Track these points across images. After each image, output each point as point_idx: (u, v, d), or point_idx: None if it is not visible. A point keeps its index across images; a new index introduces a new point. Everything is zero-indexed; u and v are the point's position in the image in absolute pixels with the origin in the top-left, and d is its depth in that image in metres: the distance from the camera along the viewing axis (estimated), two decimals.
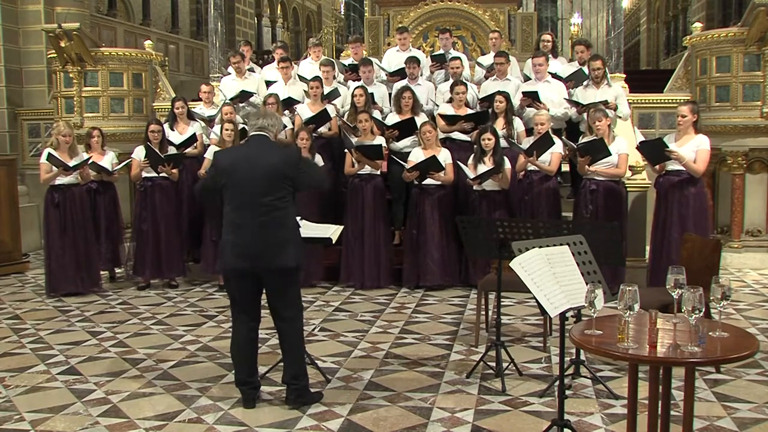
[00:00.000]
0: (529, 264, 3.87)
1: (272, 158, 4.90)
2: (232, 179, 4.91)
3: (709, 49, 10.21)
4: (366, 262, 8.78)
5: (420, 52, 11.46)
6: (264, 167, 4.86)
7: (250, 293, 5.00)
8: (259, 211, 4.83)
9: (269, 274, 4.89)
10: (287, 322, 5.01)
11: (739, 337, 3.68)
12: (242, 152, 5.15)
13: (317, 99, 9.48)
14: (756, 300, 8.11)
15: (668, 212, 7.67)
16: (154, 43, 12.50)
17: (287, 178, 4.87)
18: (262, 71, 10.96)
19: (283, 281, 4.94)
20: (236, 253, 4.88)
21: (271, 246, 4.83)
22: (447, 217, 8.53)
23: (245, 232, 4.84)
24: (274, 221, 4.83)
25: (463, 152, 8.82)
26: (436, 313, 7.62)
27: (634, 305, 3.47)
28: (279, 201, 4.85)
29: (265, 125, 5.05)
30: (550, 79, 9.38)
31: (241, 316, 5.04)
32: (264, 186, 4.84)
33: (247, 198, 4.86)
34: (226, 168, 4.97)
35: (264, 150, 4.97)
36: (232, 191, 4.92)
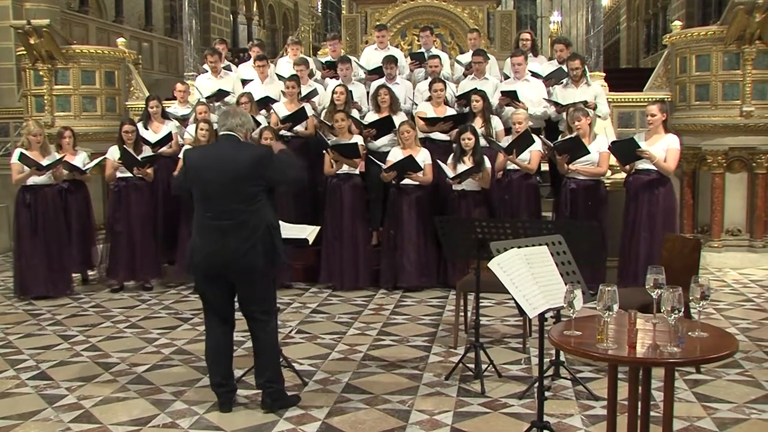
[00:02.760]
0: (507, 264, 3.89)
1: (241, 158, 4.86)
2: (200, 179, 4.88)
3: (688, 48, 10.28)
4: (344, 263, 8.77)
5: (398, 50, 11.45)
6: (232, 167, 4.82)
7: (222, 296, 4.97)
8: (227, 213, 4.80)
9: (237, 276, 4.87)
10: (260, 325, 4.99)
11: (719, 337, 3.71)
12: (211, 152, 5.13)
13: (294, 98, 9.46)
14: (736, 300, 8.17)
15: (638, 212, 7.78)
16: (128, 41, 12.43)
17: (257, 178, 4.83)
18: (238, 70, 10.93)
19: (253, 284, 4.91)
20: (204, 255, 4.85)
21: (239, 248, 4.79)
22: (425, 217, 8.54)
23: (213, 234, 4.82)
24: (242, 223, 4.80)
25: (443, 152, 8.83)
26: (415, 315, 7.62)
27: (613, 305, 3.49)
28: (248, 202, 4.81)
29: (234, 125, 5.00)
30: (530, 78, 9.40)
31: (214, 319, 5.02)
32: (232, 187, 4.80)
33: (215, 199, 4.83)
34: (194, 167, 4.95)
35: (233, 150, 4.93)
36: (199, 192, 4.90)
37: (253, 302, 4.96)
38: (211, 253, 4.83)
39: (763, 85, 9.93)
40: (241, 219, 4.80)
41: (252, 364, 5.55)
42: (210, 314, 5.04)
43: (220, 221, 4.81)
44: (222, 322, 5.02)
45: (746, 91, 9.90)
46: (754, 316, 7.49)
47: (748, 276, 9.47)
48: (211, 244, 4.83)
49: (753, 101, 9.89)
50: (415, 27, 12.77)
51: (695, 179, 10.50)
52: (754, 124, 9.91)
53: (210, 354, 5.08)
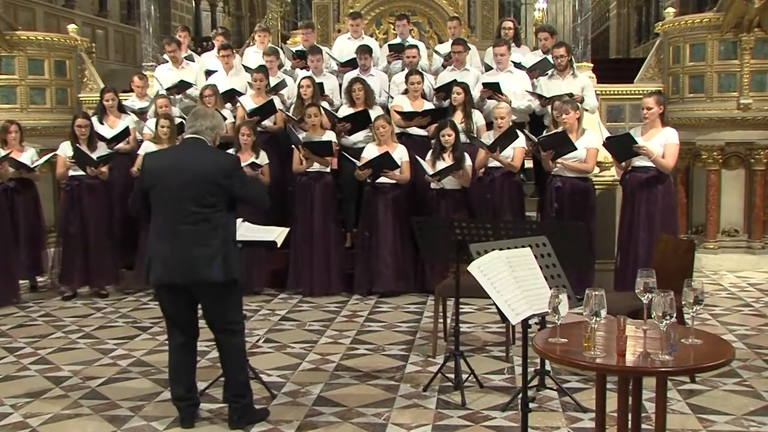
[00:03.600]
0: (488, 268, 3.90)
1: (204, 164, 4.83)
2: (160, 185, 4.85)
3: (682, 36, 10.35)
4: (315, 267, 8.77)
5: (373, 39, 11.47)
6: (194, 173, 4.79)
7: (183, 307, 4.95)
8: (187, 221, 4.78)
9: (199, 288, 4.85)
10: (226, 335, 4.97)
11: (714, 344, 3.74)
12: (173, 156, 5.10)
13: (261, 91, 9.45)
14: (733, 304, 8.24)
15: (635, 211, 7.77)
16: (80, 28, 12.34)
17: (219, 186, 4.81)
18: (201, 60, 10.90)
19: (216, 295, 4.89)
20: (164, 265, 4.82)
21: (198, 258, 4.77)
22: (402, 217, 8.55)
23: (172, 243, 4.79)
24: (202, 232, 4.78)
25: (420, 148, 8.85)
26: (391, 322, 7.63)
27: (601, 311, 3.51)
28: (209, 210, 4.79)
29: (203, 128, 4.96)
30: (513, 69, 9.44)
31: (176, 330, 5.00)
32: (193, 193, 4.77)
33: (175, 206, 4.80)
34: (153, 172, 4.92)
35: (197, 154, 4.89)
36: (159, 198, 4.86)
37: (217, 313, 4.94)
38: (170, 263, 4.80)
39: (762, 76, 10.01)
40: (204, 227, 4.78)
41: (216, 375, 5.54)
42: (171, 325, 5.02)
43: (179, 228, 4.78)
44: (184, 332, 5.00)
45: (744, 83, 9.98)
46: (753, 321, 7.55)
47: (746, 279, 9.55)
48: (169, 252, 4.80)
49: (751, 93, 9.97)
50: (390, 15, 12.78)
51: (689, 176, 10.57)
52: (752, 117, 9.99)
53: (172, 365, 5.06)
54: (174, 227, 4.80)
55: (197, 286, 4.82)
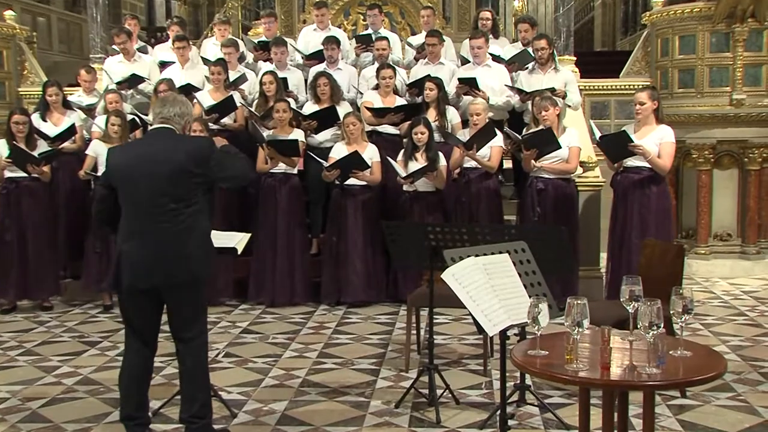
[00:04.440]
0: (463, 275, 3.90)
1: (176, 154, 4.79)
2: (129, 181, 4.80)
3: (671, 28, 10.41)
4: (279, 276, 8.74)
5: (340, 30, 11.46)
6: (166, 166, 4.75)
7: (149, 315, 4.91)
8: (161, 218, 4.74)
9: (172, 289, 4.80)
10: (191, 348, 4.92)
11: (704, 356, 3.77)
12: (140, 149, 5.05)
13: (220, 86, 9.42)
14: (726, 314, 8.30)
15: (627, 215, 7.76)
16: (18, 14, 12.24)
17: (195, 176, 4.78)
18: (154, 52, 10.84)
19: (189, 299, 4.87)
20: (134, 267, 4.76)
21: (175, 257, 4.74)
22: (372, 222, 8.54)
23: (144, 243, 4.74)
24: (178, 229, 4.75)
25: (392, 148, 8.86)
26: (360, 334, 7.63)
27: (584, 321, 3.52)
28: (185, 204, 4.76)
29: (170, 115, 4.93)
30: (491, 63, 9.44)
31: (136, 342, 4.94)
32: (166, 188, 4.74)
33: (146, 202, 4.75)
34: (120, 168, 4.85)
35: (167, 145, 4.86)
36: (128, 195, 4.81)
37: (187, 321, 4.90)
38: (143, 264, 4.74)
39: (756, 70, 10.09)
40: (178, 223, 4.75)
41: (171, 393, 5.50)
42: (131, 336, 4.96)
43: (153, 227, 4.73)
44: (143, 345, 4.94)
45: (736, 77, 10.04)
46: (747, 332, 7.60)
47: (740, 286, 9.61)
48: (142, 253, 4.74)
49: (744, 88, 10.04)
50: (360, 4, 12.81)
51: (679, 177, 10.63)
52: (746, 113, 10.06)
53: (125, 381, 4.99)
54: (148, 226, 4.74)
55: (174, 287, 4.78)
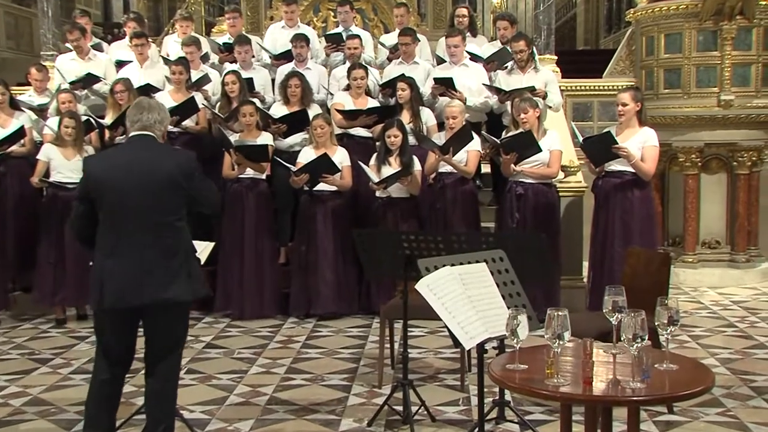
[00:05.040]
0: (438, 286, 3.91)
1: (165, 163, 4.77)
2: (113, 192, 4.72)
3: (656, 25, 10.46)
4: (245, 286, 8.72)
5: (310, 28, 11.46)
6: (155, 175, 4.71)
7: (128, 334, 4.85)
8: (149, 232, 4.68)
9: (156, 309, 4.74)
10: (165, 367, 4.87)
11: (691, 369, 3.79)
12: (122, 157, 4.95)
13: (181, 86, 9.39)
14: (714, 325, 8.33)
15: (609, 221, 7.80)
16: None
17: (183, 189, 4.76)
18: (111, 50, 10.79)
19: (172, 319, 4.82)
20: (119, 285, 4.68)
21: (163, 274, 4.69)
22: (343, 230, 8.53)
23: (131, 259, 4.67)
24: (167, 243, 4.71)
25: (364, 151, 8.87)
26: (331, 348, 7.62)
27: (564, 333, 3.53)
28: (174, 217, 4.74)
29: (151, 122, 4.88)
30: (468, 63, 9.48)
31: (109, 362, 4.86)
32: (155, 199, 4.70)
33: (132, 215, 4.69)
34: (101, 179, 4.76)
35: (152, 153, 4.82)
36: (111, 208, 4.74)
37: (168, 341, 4.85)
38: (129, 281, 4.67)
39: (745, 69, 10.14)
40: (167, 238, 4.71)
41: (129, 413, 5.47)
42: (105, 356, 4.88)
43: (140, 241, 4.67)
44: (118, 364, 4.86)
45: (725, 77, 10.08)
46: (737, 344, 7.63)
47: (729, 296, 9.65)
48: (129, 269, 4.67)
49: (733, 88, 10.08)
50: (330, 0, 12.79)
51: (665, 182, 10.69)
52: (735, 115, 10.11)
53: (91, 407, 4.90)
54: (135, 241, 4.68)
55: (160, 306, 4.71)
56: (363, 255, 5.91)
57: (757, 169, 10.42)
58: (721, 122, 10.18)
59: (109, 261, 4.71)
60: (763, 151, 10.38)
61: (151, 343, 4.85)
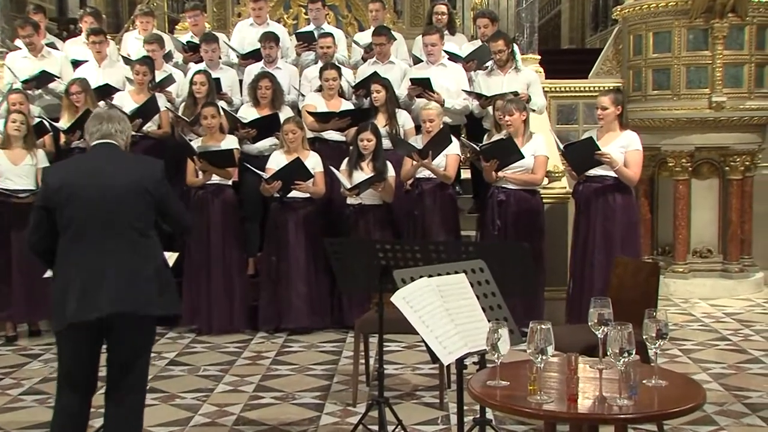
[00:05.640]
0: (415, 298, 3.90)
1: (131, 171, 4.77)
2: (76, 200, 4.69)
3: (644, 23, 10.48)
4: (212, 299, 8.69)
5: (280, 25, 11.43)
6: (121, 183, 4.70)
7: (90, 353, 4.79)
8: (117, 242, 4.66)
9: (125, 325, 4.70)
10: (131, 394, 4.83)
11: (682, 385, 3.81)
12: (86, 165, 4.94)
13: (143, 87, 9.36)
14: (707, 338, 8.36)
15: (590, 228, 7.83)
16: None
17: (151, 197, 4.75)
18: (66, 47, 10.74)
19: (141, 337, 4.80)
20: (80, 295, 4.62)
21: (134, 286, 4.65)
22: (316, 239, 8.50)
23: (94, 268, 4.63)
24: (134, 255, 4.68)
25: (338, 156, 8.87)
26: (303, 364, 7.61)
27: (548, 348, 3.53)
28: (143, 228, 4.72)
29: (112, 131, 4.87)
30: (446, 62, 9.48)
31: (72, 386, 4.80)
32: (121, 208, 4.68)
33: (97, 225, 4.66)
34: (63, 188, 4.72)
35: (118, 161, 4.82)
36: (72, 218, 4.69)
37: (134, 360, 4.81)
38: (94, 294, 4.62)
39: (737, 69, 10.18)
40: (134, 249, 4.68)
41: None
42: (68, 379, 4.82)
43: (105, 252, 4.64)
44: (78, 387, 4.83)
45: (716, 77, 10.11)
46: (731, 358, 7.66)
47: (722, 308, 9.68)
48: (91, 278, 4.63)
49: (725, 89, 10.11)
50: None
51: (654, 187, 10.74)
52: (727, 117, 10.15)
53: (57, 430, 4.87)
54: (97, 252, 4.64)
55: (126, 322, 4.67)
56: (335, 265, 5.90)
57: (750, 174, 10.47)
58: (712, 125, 10.21)
59: (70, 273, 4.67)
60: (757, 155, 10.43)
61: (115, 361, 4.80)
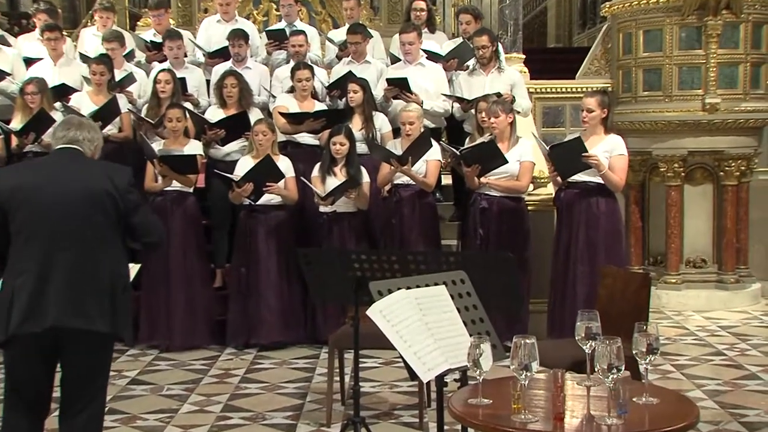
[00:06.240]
0: (392, 312, 3.90)
1: (95, 175, 4.74)
2: (29, 206, 4.66)
3: (634, 21, 10.51)
4: (175, 314, 8.66)
5: (249, 22, 11.43)
6: (81, 188, 4.67)
7: (41, 372, 4.75)
8: (70, 251, 4.63)
9: (80, 339, 4.65)
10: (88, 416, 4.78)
11: (674, 402, 3.83)
12: (44, 169, 4.92)
13: (102, 87, 9.32)
14: (701, 353, 8.39)
15: (573, 237, 7.88)
16: None
17: (114, 205, 4.71)
18: (18, 43, 10.70)
19: (96, 354, 4.75)
20: (27, 310, 4.58)
21: (82, 300, 4.61)
22: (288, 248, 8.51)
23: (46, 275, 4.60)
24: (92, 265, 4.65)
25: (312, 160, 8.87)
26: (274, 382, 7.60)
27: (533, 364, 3.54)
28: (104, 236, 4.69)
29: (79, 138, 4.86)
30: (425, 62, 9.48)
31: (21, 406, 4.77)
32: (81, 214, 4.65)
33: (53, 232, 4.63)
34: (16, 191, 4.70)
35: (81, 166, 4.80)
36: (26, 224, 4.67)
37: (89, 379, 4.77)
38: (43, 305, 4.59)
39: (732, 69, 10.22)
40: (93, 259, 4.65)
41: None
42: (15, 399, 4.79)
43: (61, 261, 4.61)
44: (30, 410, 4.79)
45: (710, 77, 10.15)
46: (727, 374, 7.69)
47: (717, 321, 9.71)
48: (42, 286, 4.59)
49: (719, 90, 10.15)
50: None
51: (644, 194, 10.78)
52: (721, 120, 10.18)
53: None
54: (50, 260, 4.61)
55: (77, 336, 4.63)
56: (308, 277, 5.90)
57: (746, 179, 10.52)
58: (706, 128, 10.23)
59: (20, 281, 4.63)
60: (752, 159, 10.49)
61: (69, 379, 4.76)
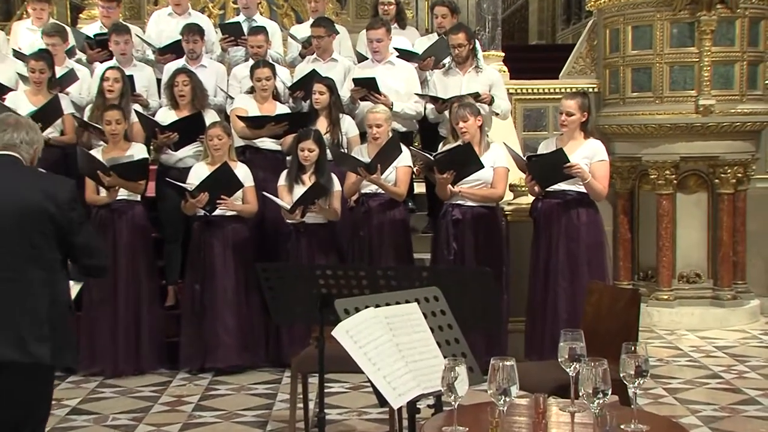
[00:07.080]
0: (360, 332, 3.90)
1: (31, 189, 4.67)
2: None
3: (622, 16, 10.55)
4: (120, 336, 8.60)
5: (204, 16, 11.43)
6: (14, 202, 4.61)
7: None
8: (6, 271, 4.56)
9: (12, 372, 4.60)
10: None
11: (665, 430, 3.85)
12: None
13: (42, 86, 9.27)
14: (695, 376, 8.42)
15: (552, 250, 7.90)
16: None
17: (53, 220, 4.65)
18: None
19: (33, 386, 4.70)
20: None
21: (13, 329, 4.56)
22: (247, 263, 8.49)
23: None
24: (27, 289, 4.60)
25: (273, 167, 8.89)
26: (231, 409, 7.58)
27: (512, 388, 3.53)
28: (42, 256, 4.63)
29: (16, 141, 4.79)
30: (394, 60, 9.50)
31: None
32: (15, 233, 4.59)
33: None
34: None
35: (16, 177, 4.74)
36: None
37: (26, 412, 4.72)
38: None
39: (727, 68, 10.27)
40: (26, 280, 4.59)
41: None
42: None
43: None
44: None
45: (703, 77, 10.19)
46: (723, 399, 7.70)
47: (712, 341, 9.74)
48: None
49: (713, 91, 10.19)
50: None
51: (634, 203, 10.83)
52: (716, 123, 10.21)
53: None
54: None
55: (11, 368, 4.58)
56: (269, 294, 5.89)
57: (742, 187, 10.58)
58: (699, 132, 10.27)
59: None
60: (750, 165, 10.54)
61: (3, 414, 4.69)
